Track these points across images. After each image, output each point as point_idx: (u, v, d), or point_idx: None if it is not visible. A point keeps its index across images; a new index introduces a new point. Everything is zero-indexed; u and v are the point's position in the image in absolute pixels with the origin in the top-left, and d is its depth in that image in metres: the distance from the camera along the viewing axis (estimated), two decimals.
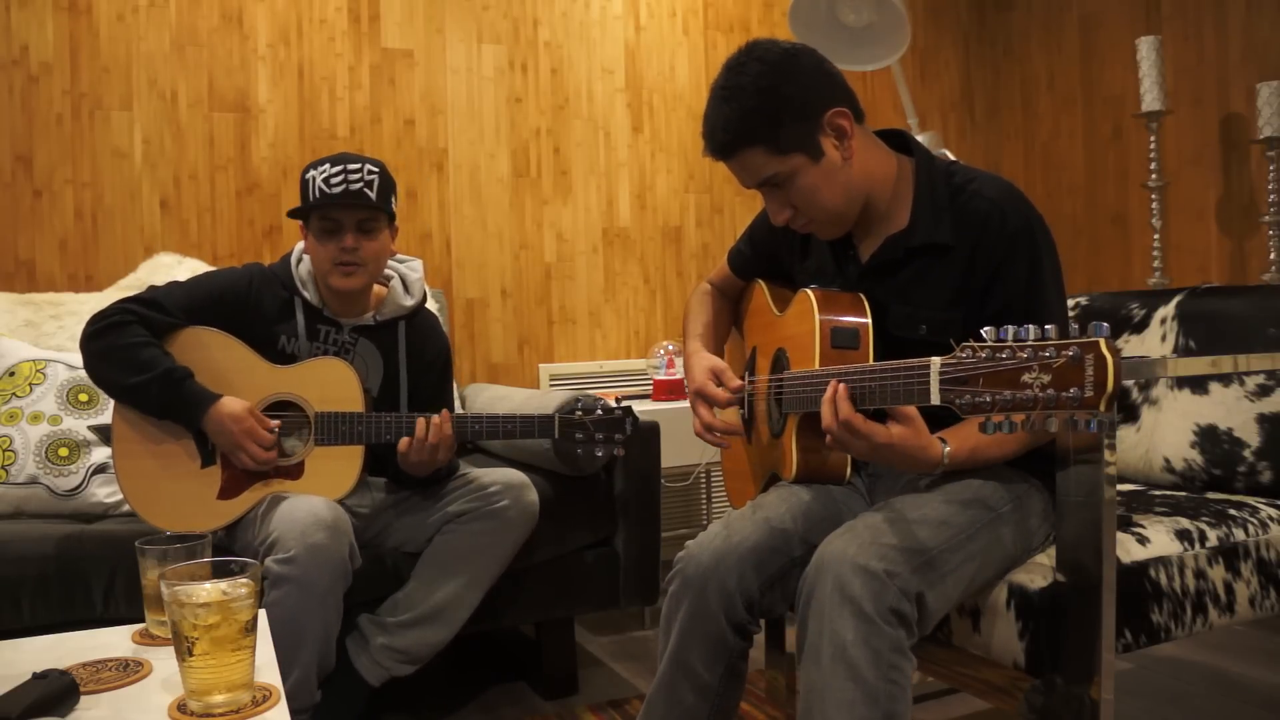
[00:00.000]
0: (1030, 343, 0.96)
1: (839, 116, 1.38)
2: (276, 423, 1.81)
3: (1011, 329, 0.99)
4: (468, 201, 3.07)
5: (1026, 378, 0.95)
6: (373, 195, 1.84)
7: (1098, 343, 0.91)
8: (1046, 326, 0.96)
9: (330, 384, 1.85)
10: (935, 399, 1.07)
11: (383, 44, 2.96)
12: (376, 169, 1.86)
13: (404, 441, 1.80)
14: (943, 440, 1.27)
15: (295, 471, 1.83)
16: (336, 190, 1.81)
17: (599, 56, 3.24)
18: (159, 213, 2.73)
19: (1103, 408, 0.90)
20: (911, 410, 1.22)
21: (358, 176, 1.83)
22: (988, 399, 0.99)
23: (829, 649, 1.18)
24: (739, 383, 1.56)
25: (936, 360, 1.07)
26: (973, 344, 1.02)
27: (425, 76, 3.01)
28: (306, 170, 1.86)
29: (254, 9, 2.81)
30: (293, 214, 1.89)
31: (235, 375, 1.83)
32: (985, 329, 1.01)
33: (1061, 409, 0.93)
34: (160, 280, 2.38)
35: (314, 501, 1.75)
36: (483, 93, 3.09)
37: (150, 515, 1.79)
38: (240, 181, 2.81)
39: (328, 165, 1.84)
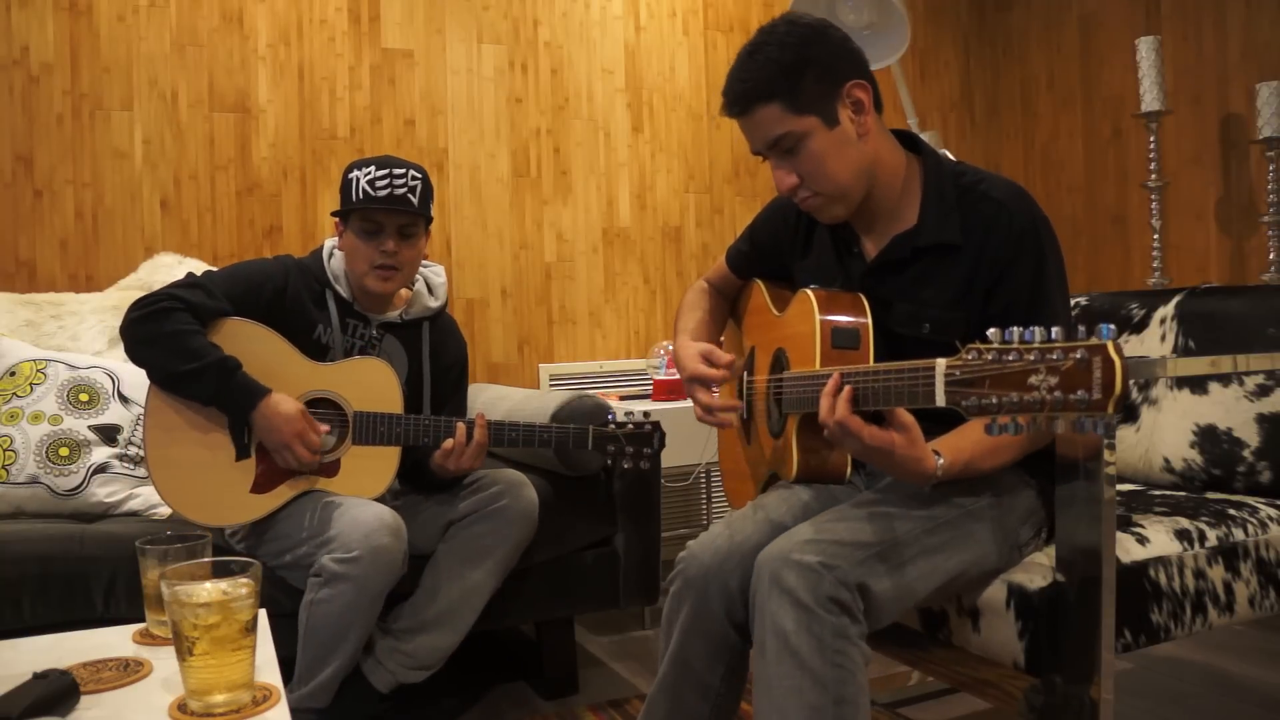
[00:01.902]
0: (1037, 345, 0.96)
1: (859, 89, 1.38)
2: (326, 427, 1.81)
3: (1017, 331, 0.98)
4: (468, 201, 3.07)
5: (1033, 380, 0.95)
6: (415, 201, 1.87)
7: (1105, 345, 0.90)
8: (1053, 329, 0.96)
9: (370, 384, 1.85)
10: (941, 401, 1.07)
11: (383, 44, 2.96)
12: (419, 175, 1.89)
13: (447, 443, 1.81)
14: (937, 453, 1.27)
15: (331, 469, 1.84)
16: (381, 194, 1.84)
17: (599, 56, 3.24)
18: (159, 213, 2.73)
19: (1111, 410, 0.90)
20: (909, 419, 1.21)
21: (402, 181, 1.85)
22: (994, 401, 0.98)
23: (772, 640, 1.20)
24: (730, 357, 1.57)
25: (942, 362, 1.07)
26: (978, 345, 1.02)
27: (425, 76, 3.01)
28: (350, 169, 1.88)
29: (254, 9, 2.81)
30: (335, 213, 1.91)
31: (276, 369, 1.83)
32: (991, 330, 1.01)
33: (1069, 411, 0.93)
34: (160, 281, 2.38)
35: (374, 505, 1.77)
36: (483, 93, 3.09)
37: (182, 507, 1.79)
38: (240, 182, 2.81)
39: (373, 167, 1.85)
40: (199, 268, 2.52)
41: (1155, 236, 3.02)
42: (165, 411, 1.80)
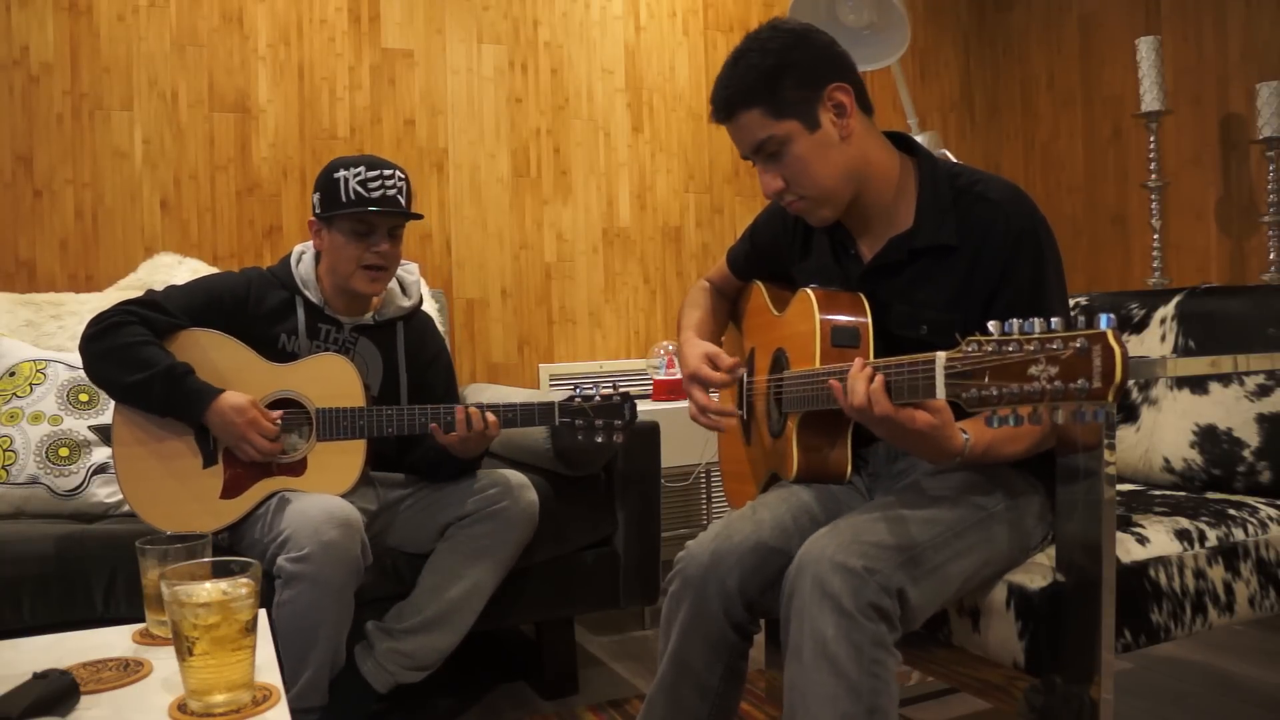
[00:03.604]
0: (1037, 335, 0.96)
1: (840, 91, 1.39)
2: (278, 414, 1.81)
3: (1017, 322, 0.98)
4: (468, 201, 3.07)
5: (1033, 370, 0.95)
6: (404, 201, 1.88)
7: (1105, 334, 0.90)
8: (1052, 320, 0.95)
9: (330, 380, 1.85)
10: (941, 394, 1.07)
11: (383, 44, 2.96)
12: (404, 175, 1.90)
13: (450, 435, 1.81)
14: (964, 432, 1.26)
15: (298, 468, 1.84)
16: (374, 195, 1.84)
17: (599, 56, 3.24)
18: (159, 213, 2.73)
19: (1111, 398, 0.90)
20: (940, 402, 1.19)
21: (392, 182, 1.86)
22: (995, 393, 0.98)
23: (810, 645, 1.18)
24: (733, 360, 1.56)
25: (942, 355, 1.07)
26: (978, 338, 1.01)
27: (425, 76, 3.01)
28: (335, 169, 1.86)
29: (254, 9, 2.81)
30: (320, 215, 1.89)
31: (235, 375, 1.83)
32: (991, 323, 1.01)
33: (1069, 400, 0.92)
34: (160, 281, 2.39)
35: (325, 498, 1.75)
36: (483, 93, 3.09)
37: (152, 517, 1.79)
38: (240, 182, 2.81)
39: (363, 168, 1.85)
40: (199, 268, 2.52)
41: (1155, 236, 3.02)
42: (131, 425, 1.80)
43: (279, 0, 2.84)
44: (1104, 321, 0.91)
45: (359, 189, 1.84)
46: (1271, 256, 2.80)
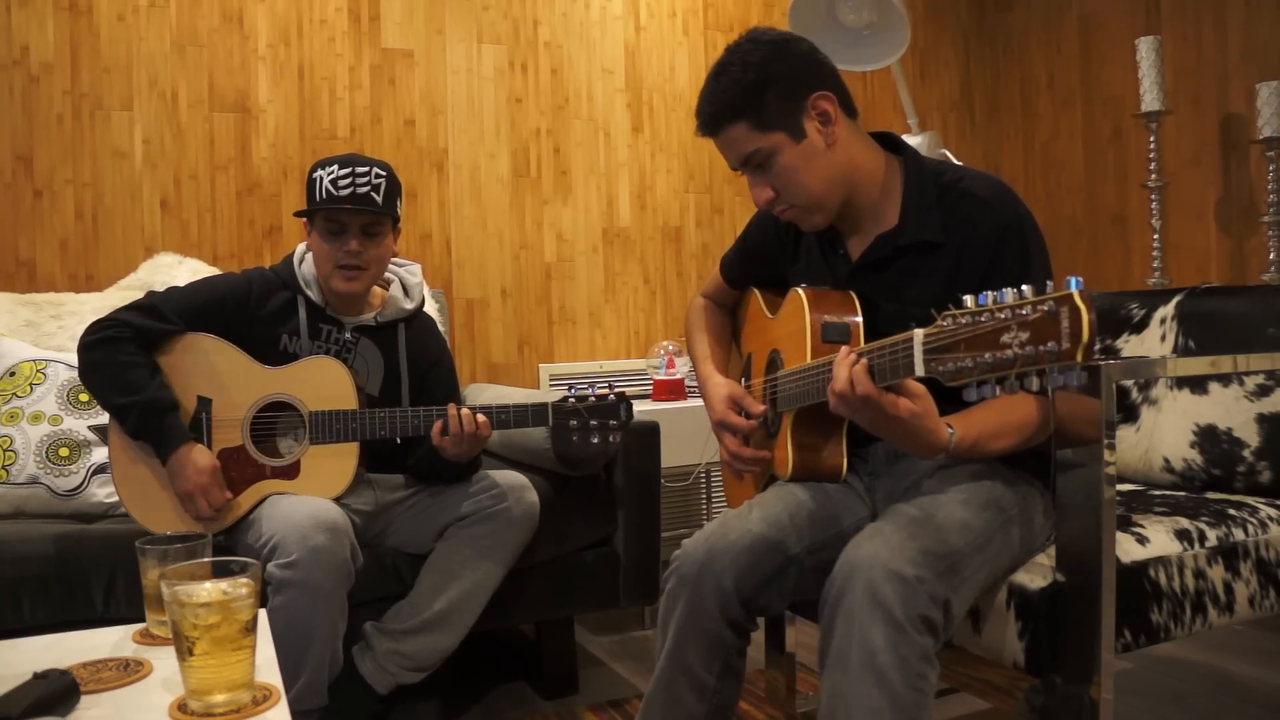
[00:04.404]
0: (1008, 304, 0.96)
1: (823, 100, 1.40)
2: (229, 494, 1.80)
3: (991, 293, 0.99)
4: (468, 201, 3.07)
5: (1005, 338, 0.95)
6: (379, 199, 1.85)
7: (1072, 295, 0.91)
8: (1023, 287, 0.96)
9: (324, 383, 1.85)
10: (920, 370, 1.07)
11: (383, 44, 2.96)
12: (384, 172, 1.87)
13: (444, 437, 1.79)
14: (950, 427, 1.26)
15: (291, 471, 1.83)
16: (343, 193, 1.82)
17: (599, 56, 3.24)
18: (159, 213, 2.73)
19: (1079, 359, 0.90)
20: (921, 388, 1.20)
21: (365, 180, 1.84)
22: (970, 363, 0.99)
23: (858, 655, 1.16)
24: (762, 408, 1.56)
25: (919, 331, 1.08)
26: (954, 311, 1.03)
27: (425, 76, 3.01)
28: (314, 169, 1.87)
29: (254, 9, 2.81)
30: (299, 214, 1.90)
31: (229, 379, 1.83)
32: (967, 296, 1.02)
33: (1040, 364, 0.93)
34: (160, 281, 2.39)
35: (313, 503, 1.74)
36: (483, 93, 3.09)
37: (146, 519, 1.79)
38: (240, 182, 2.81)
39: (336, 166, 1.84)
40: (199, 268, 2.52)
41: (1155, 236, 3.02)
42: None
43: (279, 0, 2.84)
44: (1073, 284, 0.92)
45: (330, 187, 1.83)
46: (1271, 256, 2.80)
